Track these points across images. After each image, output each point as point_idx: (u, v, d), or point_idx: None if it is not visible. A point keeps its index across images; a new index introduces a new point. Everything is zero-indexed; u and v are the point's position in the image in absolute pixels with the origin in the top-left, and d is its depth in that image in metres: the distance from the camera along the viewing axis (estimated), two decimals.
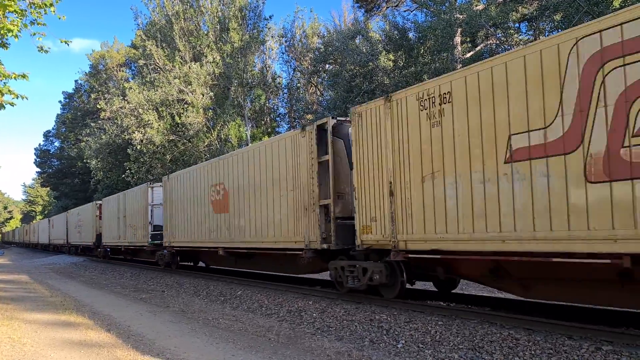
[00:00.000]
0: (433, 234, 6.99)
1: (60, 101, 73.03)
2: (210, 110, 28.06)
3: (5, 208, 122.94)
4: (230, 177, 12.64)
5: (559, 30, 16.26)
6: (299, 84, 31.65)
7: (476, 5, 18.60)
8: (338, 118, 9.45)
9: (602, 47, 5.18)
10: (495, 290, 8.86)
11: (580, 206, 5.29)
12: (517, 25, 19.27)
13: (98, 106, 35.53)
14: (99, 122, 36.54)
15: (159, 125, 27.60)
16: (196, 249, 14.95)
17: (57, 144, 62.33)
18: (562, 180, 5.44)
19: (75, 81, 61.87)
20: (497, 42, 18.94)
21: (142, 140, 28.10)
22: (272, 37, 30.48)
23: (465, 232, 6.52)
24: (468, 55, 19.55)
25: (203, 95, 27.30)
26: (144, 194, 18.96)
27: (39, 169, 68.33)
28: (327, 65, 28.07)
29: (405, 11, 25.12)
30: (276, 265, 12.01)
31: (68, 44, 9.21)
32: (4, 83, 8.73)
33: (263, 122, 31.14)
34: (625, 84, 4.97)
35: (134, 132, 28.18)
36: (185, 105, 27.48)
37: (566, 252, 5.48)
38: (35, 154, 65.64)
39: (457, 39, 19.23)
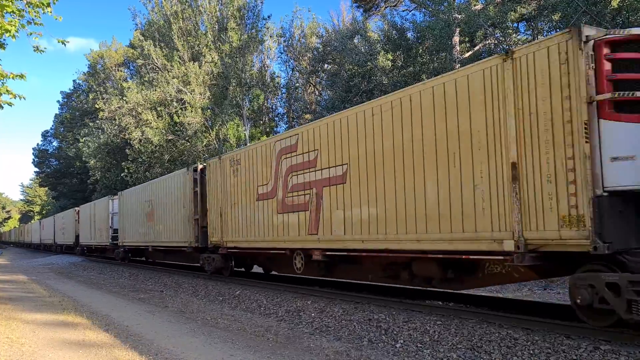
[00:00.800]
0: (235, 237, 12.37)
1: (58, 101, 73.17)
2: (209, 110, 27.97)
3: (4, 208, 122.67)
4: (155, 196, 18.00)
5: (557, 30, 16.25)
6: (297, 84, 31.53)
7: (474, 5, 18.59)
8: (205, 164, 14.37)
9: (281, 147, 10.49)
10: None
11: (277, 224, 10.58)
12: (515, 25, 19.25)
13: (96, 106, 35.45)
14: (97, 121, 36.42)
15: (158, 124, 27.54)
16: (138, 247, 20.46)
17: (55, 143, 62.32)
18: (271, 211, 10.79)
19: (74, 81, 61.87)
20: (496, 41, 18.92)
21: (140, 140, 28.04)
22: (270, 36, 30.37)
23: (243, 236, 11.95)
24: (467, 55, 19.54)
25: (201, 95, 27.25)
26: (106, 205, 24.51)
27: (37, 169, 68.29)
28: (326, 65, 28.01)
29: (403, 11, 25.13)
30: (184, 257, 16.81)
31: (65, 44, 9.16)
32: (2, 83, 8.70)
33: (262, 122, 31.09)
34: (286, 167, 10.28)
35: (133, 132, 28.12)
36: (184, 105, 27.43)
37: (274, 247, 10.91)
38: (33, 154, 65.62)
39: (456, 39, 19.20)
